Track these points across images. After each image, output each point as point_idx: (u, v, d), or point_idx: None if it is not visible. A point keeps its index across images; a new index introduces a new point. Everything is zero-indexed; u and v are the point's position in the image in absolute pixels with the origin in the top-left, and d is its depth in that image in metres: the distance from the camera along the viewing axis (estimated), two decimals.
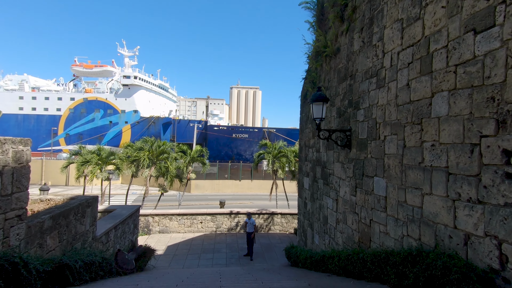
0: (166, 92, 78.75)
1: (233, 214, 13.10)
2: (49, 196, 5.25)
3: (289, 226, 13.33)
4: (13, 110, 62.43)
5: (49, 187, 12.83)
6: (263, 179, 42.93)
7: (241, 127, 76.50)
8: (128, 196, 26.57)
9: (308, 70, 8.65)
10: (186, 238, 12.01)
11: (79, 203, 4.91)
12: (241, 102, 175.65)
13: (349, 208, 5.55)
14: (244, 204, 32.40)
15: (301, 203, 9.15)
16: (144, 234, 12.30)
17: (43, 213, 3.94)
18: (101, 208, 8.22)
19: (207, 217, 12.89)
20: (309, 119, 8.49)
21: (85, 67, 69.34)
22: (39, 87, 68.70)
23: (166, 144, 17.72)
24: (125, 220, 7.51)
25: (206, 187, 42.27)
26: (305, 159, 8.71)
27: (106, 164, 17.54)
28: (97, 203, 5.55)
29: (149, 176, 17.21)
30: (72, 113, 64.63)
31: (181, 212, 12.82)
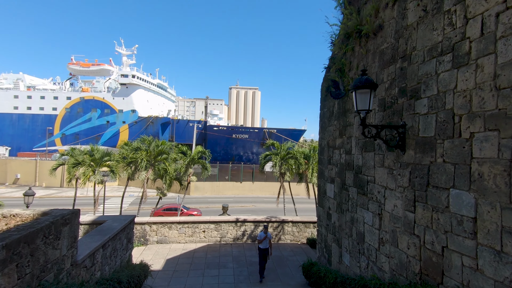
0: (164, 92, 77.45)
1: (239, 223, 11.84)
2: (15, 211, 3.97)
3: (301, 236, 12.08)
4: (7, 109, 60.88)
5: (34, 191, 11.53)
6: (265, 181, 41.66)
7: (241, 127, 75.26)
8: (124, 199, 25.24)
9: (332, 58, 7.45)
10: (187, 249, 10.73)
11: (52, 221, 3.64)
12: (240, 102, 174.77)
13: (402, 227, 4.32)
14: (247, 208, 31.11)
15: (323, 214, 7.90)
16: (141, 245, 11.01)
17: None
18: (89, 219, 6.96)
19: (210, 226, 11.62)
20: (333, 115, 7.27)
21: (82, 65, 67.91)
22: (35, 86, 67.20)
23: (165, 144, 16.43)
24: (117, 235, 6.23)
25: (206, 189, 40.96)
26: (329, 162, 7.47)
27: (100, 166, 16.22)
28: (77, 219, 4.27)
29: (146, 179, 15.91)
30: (68, 113, 63.18)
31: (182, 220, 11.54)
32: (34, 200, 31.64)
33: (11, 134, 59.82)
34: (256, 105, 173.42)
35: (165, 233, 11.36)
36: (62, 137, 61.92)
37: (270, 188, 40.87)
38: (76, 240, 4.45)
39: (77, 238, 4.48)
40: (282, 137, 55.15)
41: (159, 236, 11.31)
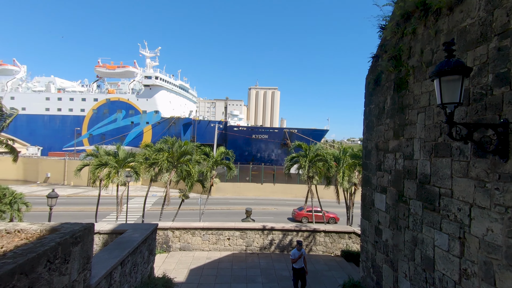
0: (186, 93, 78.42)
1: (267, 231, 10.94)
2: (20, 225, 3.33)
3: (334, 247, 10.97)
4: (40, 111, 64.06)
5: (57, 194, 11.32)
6: (286, 182, 40.49)
7: (260, 127, 74.49)
8: (147, 199, 25.25)
9: (382, 46, 6.37)
10: (211, 258, 9.99)
11: (59, 242, 2.93)
12: (259, 102, 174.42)
13: (504, 261, 3.22)
14: (268, 211, 30.18)
15: (369, 228, 6.81)
16: (163, 252, 10.43)
17: None
18: (108, 228, 6.39)
19: (235, 233, 10.82)
20: (385, 112, 6.18)
21: (108, 68, 70.14)
22: (65, 88, 70.32)
23: (188, 144, 15.91)
24: (137, 248, 5.55)
25: (227, 190, 40.50)
26: (378, 168, 6.37)
27: (123, 168, 16.02)
28: (91, 235, 3.56)
29: (169, 181, 15.47)
30: (95, 114, 65.43)
31: (205, 226, 10.83)
32: (63, 198, 32.70)
33: (43, 135, 62.88)
34: (275, 105, 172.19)
35: (188, 239, 10.71)
36: (90, 137, 64.21)
37: (293, 190, 39.67)
38: (90, 260, 3.74)
39: (91, 258, 3.77)
40: (303, 138, 53.74)
41: (182, 242, 10.68)
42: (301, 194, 39.83)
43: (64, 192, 37.61)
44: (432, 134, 4.66)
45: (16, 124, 62.22)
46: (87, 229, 3.65)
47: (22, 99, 63.32)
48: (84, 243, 3.60)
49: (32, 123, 63.54)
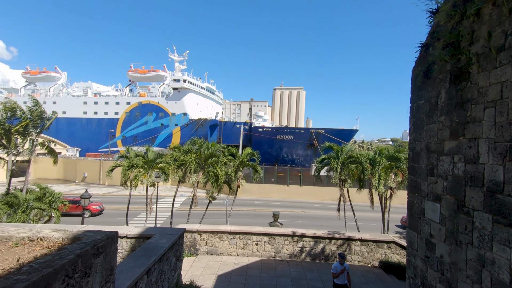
0: (212, 95, 79.74)
1: (297, 237, 10.34)
2: (43, 232, 3.13)
3: (371, 257, 10.10)
4: (78, 114, 68.54)
5: (90, 194, 11.66)
6: (314, 185, 39.32)
7: (286, 128, 73.51)
8: (176, 198, 25.66)
9: (434, 32, 5.56)
10: (239, 264, 9.61)
11: (78, 254, 2.66)
12: (284, 103, 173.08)
13: None
14: (295, 214, 29.38)
15: (418, 241, 5.99)
16: (191, 255, 10.25)
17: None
18: (135, 232, 6.24)
19: (263, 238, 10.36)
20: (438, 108, 5.37)
21: (140, 72, 73.28)
22: (100, 92, 74.63)
23: (215, 145, 15.79)
24: (164, 256, 5.29)
25: (253, 191, 40.24)
26: (430, 173, 5.56)
27: (152, 169, 16.30)
28: (114, 245, 3.28)
29: (196, 183, 15.43)
30: (128, 116, 68.67)
31: (233, 230, 10.49)
32: (98, 197, 34.34)
33: (81, 137, 67.20)
34: (300, 105, 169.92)
35: (215, 243, 10.44)
36: (123, 139, 67.47)
37: (320, 193, 38.44)
38: (113, 271, 3.47)
39: (114, 269, 3.50)
40: (330, 138, 51.97)
41: (209, 246, 10.43)
42: (329, 197, 38.45)
43: (99, 191, 39.70)
44: (506, 133, 3.86)
45: (57, 127, 67.23)
46: (110, 238, 3.38)
47: (63, 104, 68.21)
48: (107, 253, 3.33)
49: (72, 125, 68.22)
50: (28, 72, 73.62)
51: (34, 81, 75.04)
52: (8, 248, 3.06)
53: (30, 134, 15.94)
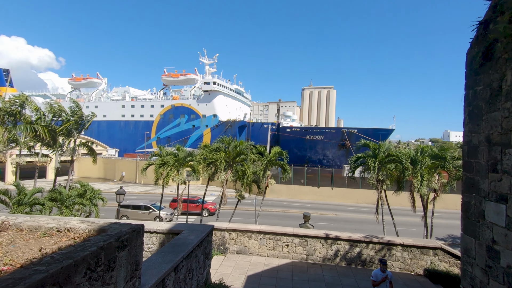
0: (241, 97, 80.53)
1: (330, 239, 9.72)
2: (71, 223, 3.06)
3: (415, 265, 9.15)
4: (117, 117, 73.08)
5: (125, 191, 12.08)
6: (346, 187, 37.70)
7: (315, 127, 71.71)
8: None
9: (496, 6, 4.76)
10: (269, 265, 9.24)
11: (101, 246, 2.50)
12: (313, 103, 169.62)
13: None
14: (327, 216, 28.28)
15: (476, 247, 5.17)
16: (220, 254, 10.10)
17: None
18: (165, 227, 6.17)
19: (294, 240, 9.88)
20: (502, 93, 4.57)
21: (173, 76, 76.28)
22: (137, 96, 78.92)
23: (243, 143, 15.64)
24: (192, 252, 5.10)
25: (281, 192, 39.64)
26: (492, 169, 4.75)
27: (183, 167, 16.61)
28: (140, 238, 3.10)
29: (225, 181, 15.38)
30: (162, 119, 71.76)
31: (262, 229, 10.15)
32: (134, 195, 36.00)
33: (119, 138, 71.56)
34: (330, 104, 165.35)
35: (244, 242, 10.17)
36: (157, 140, 70.55)
37: (353, 195, 36.74)
38: (139, 266, 3.30)
39: (140, 264, 3.32)
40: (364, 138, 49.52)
41: (239, 245, 10.19)
42: (363, 200, 36.58)
43: (136, 190, 41.73)
44: None
45: (99, 129, 72.33)
46: (135, 231, 3.21)
47: (104, 107, 73.20)
48: (132, 247, 3.16)
49: (111, 128, 72.96)
50: (73, 79, 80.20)
51: (79, 87, 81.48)
52: (36, 238, 3.01)
53: (72, 134, 17.04)
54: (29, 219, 3.37)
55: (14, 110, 12.94)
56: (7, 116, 12.63)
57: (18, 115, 13.46)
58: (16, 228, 3.20)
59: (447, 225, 25.86)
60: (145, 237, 6.24)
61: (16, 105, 12.85)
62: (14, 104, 12.71)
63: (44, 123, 15.16)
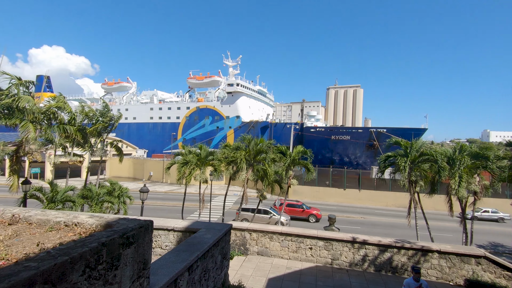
0: (264, 97, 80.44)
1: (357, 243, 9.09)
2: (79, 218, 2.99)
3: (454, 274, 8.26)
4: (146, 119, 76.14)
5: (148, 189, 12.31)
6: (374, 189, 35.98)
7: (341, 127, 69.46)
8: (228, 198, 26.00)
9: None
10: (292, 268, 8.82)
11: (103, 243, 2.32)
12: (339, 102, 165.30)
13: None
14: (354, 219, 27.06)
15: None
16: (241, 254, 9.85)
17: None
18: (182, 225, 6.03)
19: (318, 242, 9.37)
20: None
21: (198, 79, 78.06)
22: (164, 99, 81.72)
23: (263, 142, 15.29)
24: (208, 252, 4.88)
25: (305, 194, 38.73)
26: None
27: (205, 166, 16.67)
28: (148, 235, 2.91)
29: (246, 180, 15.16)
30: (187, 120, 73.66)
31: (284, 231, 9.76)
32: (160, 194, 37.06)
33: (148, 139, 74.49)
34: (357, 104, 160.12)
35: (266, 243, 9.84)
36: (183, 141, 72.39)
37: (382, 198, 34.97)
38: (147, 265, 3.10)
39: (149, 263, 3.13)
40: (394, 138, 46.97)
41: (260, 246, 9.88)
42: (392, 203, 34.66)
43: (162, 189, 43.02)
44: None
45: (129, 131, 75.80)
46: (143, 227, 3.02)
47: (133, 110, 76.66)
48: (139, 244, 2.97)
49: (140, 129, 76.17)
50: (106, 84, 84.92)
51: (111, 91, 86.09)
52: (42, 232, 2.92)
53: (102, 134, 17.78)
54: (40, 212, 3.30)
55: (50, 111, 13.74)
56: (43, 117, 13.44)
57: (53, 115, 14.28)
58: (26, 222, 3.14)
59: (487, 232, 23.64)
60: (162, 235, 6.15)
61: (53, 107, 13.69)
62: (51, 107, 13.54)
63: (75, 124, 15.97)
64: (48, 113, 13.43)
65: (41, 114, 14.59)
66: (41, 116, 14.73)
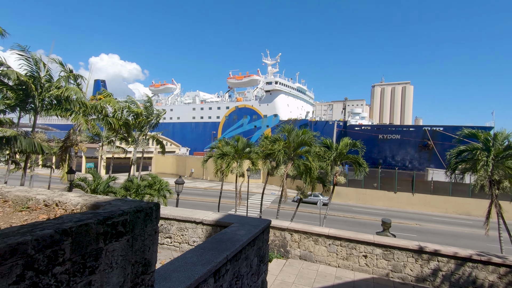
0: (303, 95, 78.26)
1: (426, 254, 7.32)
2: (64, 197, 2.17)
3: None
4: (188, 119, 79.16)
5: (183, 180, 11.88)
6: (430, 193, 31.91)
7: (390, 125, 63.88)
8: (266, 196, 24.97)
9: None
10: (342, 279, 7.40)
11: (63, 231, 1.42)
12: (386, 100, 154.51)
13: None
14: (408, 226, 24.04)
15: None
16: (280, 257, 8.69)
17: None
18: (212, 218, 5.10)
19: (375, 250, 7.78)
20: None
21: (237, 78, 78.90)
22: (205, 99, 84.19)
23: (306, 133, 13.75)
24: (242, 252, 3.82)
25: (349, 196, 35.97)
26: None
27: (242, 158, 15.87)
28: (151, 224, 1.93)
29: (285, 175, 13.90)
30: (227, 120, 74.84)
31: (332, 233, 8.33)
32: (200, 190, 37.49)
33: (190, 138, 77.32)
34: (407, 102, 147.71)
35: (309, 247, 8.54)
36: None
37: (440, 203, 30.86)
38: (150, 267, 2.13)
39: (153, 264, 2.16)
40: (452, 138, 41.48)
41: (303, 250, 8.61)
42: (453, 209, 30.35)
43: (202, 185, 43.73)
44: None
45: (173, 130, 79.46)
46: (142, 211, 2.05)
47: (178, 110, 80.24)
48: (136, 236, 2.00)
49: (184, 129, 79.40)
50: (153, 85, 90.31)
51: (157, 93, 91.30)
52: (11, 212, 2.11)
53: (144, 128, 18.07)
54: (23, 189, 2.55)
55: (100, 106, 14.20)
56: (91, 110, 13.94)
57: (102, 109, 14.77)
58: (2, 199, 2.39)
59: None
60: (190, 228, 5.29)
61: (102, 104, 14.21)
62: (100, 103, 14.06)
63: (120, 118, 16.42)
64: (97, 108, 13.83)
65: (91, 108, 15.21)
66: (90, 110, 15.38)
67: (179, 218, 5.24)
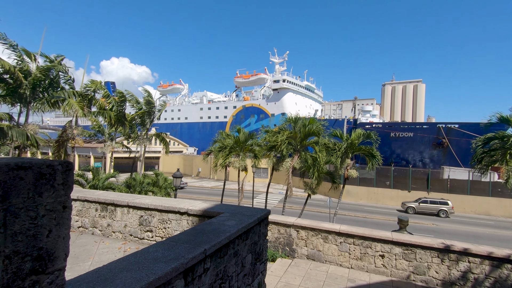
0: (311, 93, 77.02)
1: (454, 254, 6.31)
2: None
3: None
4: (196, 119, 79.01)
5: (181, 174, 11.12)
6: (447, 192, 30.28)
7: (402, 123, 61.94)
8: (272, 195, 24.03)
9: None
10: (356, 281, 6.47)
11: None
12: (397, 99, 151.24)
13: None
14: (424, 226, 22.68)
15: None
16: (285, 256, 7.81)
17: None
18: (199, 208, 4.30)
19: (394, 249, 6.80)
20: None
21: (244, 77, 78.28)
22: (213, 99, 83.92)
23: (314, 122, 12.59)
24: (229, 246, 2.96)
25: (360, 195, 34.63)
26: None
27: (243, 150, 15.03)
28: (56, 188, 0.95)
29: (291, 169, 12.90)
30: (234, 119, 74.24)
31: (344, 230, 7.39)
32: (206, 189, 36.84)
33: (197, 138, 77.14)
34: (419, 100, 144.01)
35: (318, 245, 7.62)
36: None
37: (457, 202, 29.21)
38: (50, 264, 1.27)
39: (58, 259, 1.30)
40: (469, 135, 39.52)
41: (310, 248, 7.70)
42: (472, 209, 28.70)
43: (209, 184, 43.15)
44: None
45: (181, 130, 79.43)
46: (21, 169, 1.22)
47: (185, 110, 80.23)
48: (12, 209, 1.16)
49: (191, 129, 79.30)
50: (161, 86, 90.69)
51: (165, 93, 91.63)
52: None
53: (145, 123, 17.49)
54: None
55: (88, 95, 13.67)
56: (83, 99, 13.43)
57: (92, 98, 14.25)
58: None
59: None
60: (173, 219, 4.49)
61: (90, 91, 13.69)
62: (89, 89, 13.55)
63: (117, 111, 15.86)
64: (87, 96, 13.27)
65: (79, 96, 14.74)
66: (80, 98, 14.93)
67: (161, 208, 4.46)
